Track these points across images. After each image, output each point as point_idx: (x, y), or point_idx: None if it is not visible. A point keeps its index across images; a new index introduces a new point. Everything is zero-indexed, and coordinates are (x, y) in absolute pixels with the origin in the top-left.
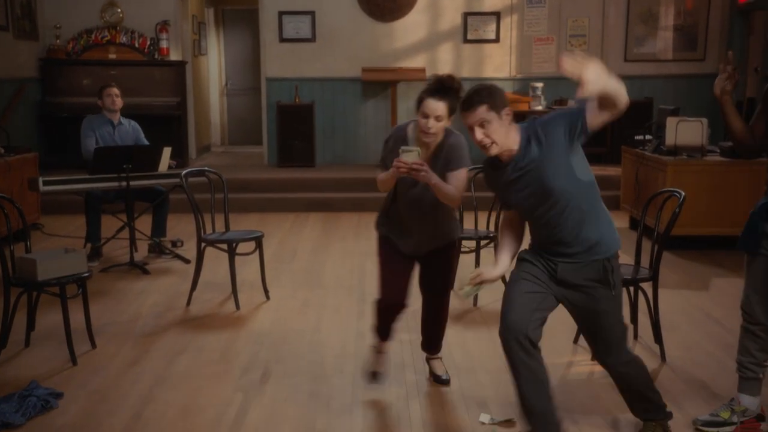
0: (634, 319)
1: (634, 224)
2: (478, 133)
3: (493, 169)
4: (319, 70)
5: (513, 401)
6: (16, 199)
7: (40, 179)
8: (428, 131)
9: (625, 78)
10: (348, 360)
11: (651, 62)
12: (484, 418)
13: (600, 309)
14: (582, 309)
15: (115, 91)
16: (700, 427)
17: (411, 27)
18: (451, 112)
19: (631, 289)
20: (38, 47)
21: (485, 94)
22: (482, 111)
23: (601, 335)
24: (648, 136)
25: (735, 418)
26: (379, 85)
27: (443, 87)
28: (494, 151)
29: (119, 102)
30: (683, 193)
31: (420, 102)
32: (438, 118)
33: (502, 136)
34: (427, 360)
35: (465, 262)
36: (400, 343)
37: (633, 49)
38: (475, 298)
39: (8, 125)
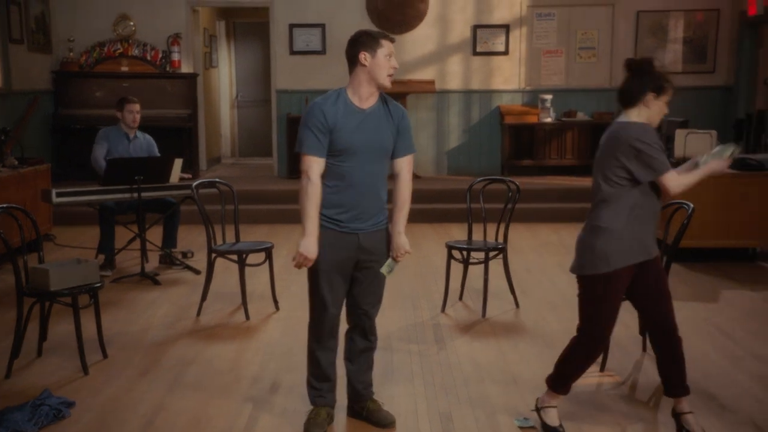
0: (643, 330)
1: None
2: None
3: None
4: (329, 83)
5: (522, 411)
6: (29, 210)
7: (53, 191)
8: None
9: None
10: None
11: None
12: (520, 421)
13: None
14: None
15: (137, 107)
16: None
17: (420, 40)
18: None
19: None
20: (52, 60)
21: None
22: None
23: None
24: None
25: None
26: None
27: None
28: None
29: (139, 118)
30: (692, 206)
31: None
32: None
33: None
34: None
35: (474, 272)
36: (409, 355)
37: None
38: (484, 308)
39: (22, 137)
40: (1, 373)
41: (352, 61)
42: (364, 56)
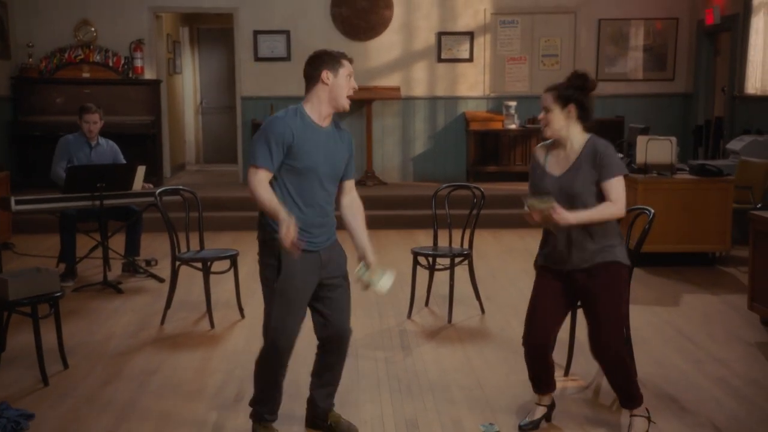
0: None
1: None
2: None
3: None
4: (294, 89)
5: (487, 416)
6: None
7: (12, 198)
8: None
9: (597, 97)
10: None
11: (622, 81)
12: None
13: None
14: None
15: (95, 117)
16: None
17: (385, 46)
18: None
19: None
20: (10, 66)
21: None
22: None
23: None
24: (619, 155)
25: None
26: (355, 103)
27: None
28: None
29: (96, 128)
30: (653, 211)
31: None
32: None
33: None
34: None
35: (440, 278)
36: (375, 362)
37: (604, 68)
38: (450, 314)
39: None
40: None
41: (312, 79)
42: (326, 75)
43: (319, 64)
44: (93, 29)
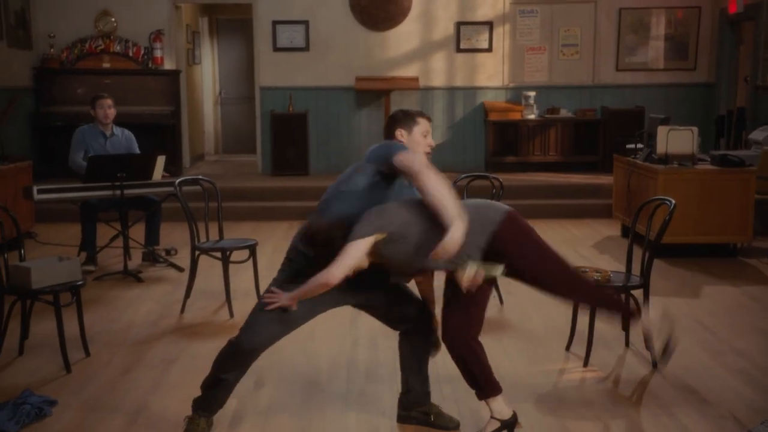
0: (625, 326)
1: (625, 232)
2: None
3: None
4: (312, 79)
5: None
6: (10, 207)
7: (35, 188)
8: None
9: (617, 87)
10: (342, 367)
11: (642, 71)
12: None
13: None
14: None
15: (108, 102)
16: None
17: (404, 36)
18: None
19: (623, 296)
20: (32, 56)
21: None
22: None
23: None
24: (639, 145)
25: None
26: (373, 93)
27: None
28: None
29: (111, 113)
30: (674, 201)
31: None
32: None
33: None
34: None
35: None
36: (393, 352)
37: (624, 58)
38: None
39: (2, 134)
40: None
41: (389, 138)
42: (400, 133)
43: (393, 124)
44: (113, 19)
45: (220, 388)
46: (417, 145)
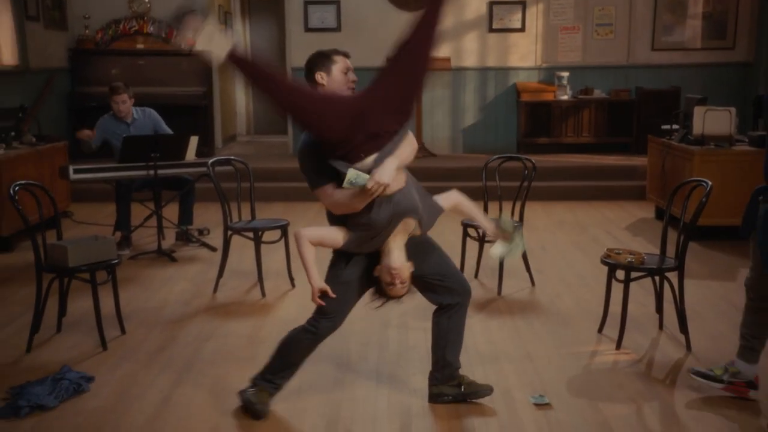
0: (659, 308)
1: (660, 214)
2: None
3: None
4: None
5: (537, 388)
6: (47, 187)
7: (71, 167)
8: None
9: (653, 67)
10: (372, 348)
11: (679, 51)
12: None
13: None
14: None
15: (122, 98)
16: (693, 375)
17: None
18: None
19: (657, 278)
20: (68, 37)
21: None
22: None
23: None
24: (675, 126)
25: (726, 377)
26: None
27: None
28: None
29: (126, 108)
30: (710, 183)
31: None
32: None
33: None
34: None
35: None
36: (425, 332)
37: (661, 37)
38: (500, 286)
39: (39, 115)
40: (22, 347)
41: (311, 84)
42: (320, 76)
43: (311, 67)
44: (147, 1)
45: (292, 370)
46: (339, 84)
